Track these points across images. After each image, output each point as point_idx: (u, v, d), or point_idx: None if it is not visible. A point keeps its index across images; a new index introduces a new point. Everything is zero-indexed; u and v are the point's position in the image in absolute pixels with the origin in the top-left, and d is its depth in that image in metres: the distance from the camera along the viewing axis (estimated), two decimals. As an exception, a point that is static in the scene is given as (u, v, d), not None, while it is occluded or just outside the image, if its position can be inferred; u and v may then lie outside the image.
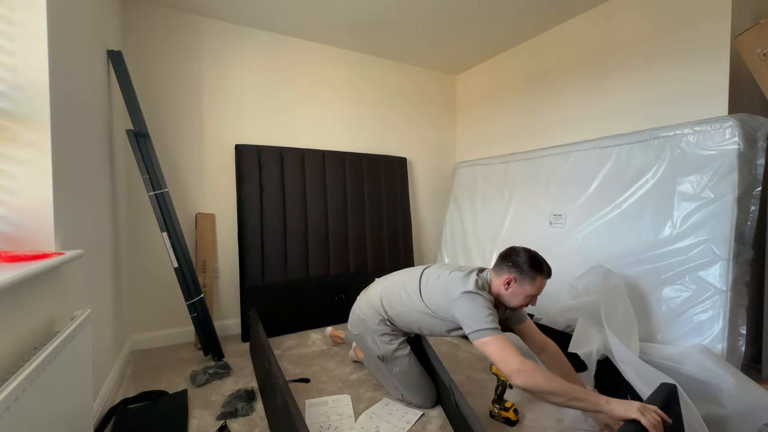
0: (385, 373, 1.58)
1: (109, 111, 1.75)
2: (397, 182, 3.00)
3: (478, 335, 1.24)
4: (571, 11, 2.27)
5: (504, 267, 1.39)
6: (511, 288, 1.36)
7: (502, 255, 1.43)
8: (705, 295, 1.50)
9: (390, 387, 1.60)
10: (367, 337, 1.60)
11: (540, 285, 1.36)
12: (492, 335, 1.22)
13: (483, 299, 1.31)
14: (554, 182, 2.19)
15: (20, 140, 0.99)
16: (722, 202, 1.50)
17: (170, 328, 2.26)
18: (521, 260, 1.36)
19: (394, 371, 1.55)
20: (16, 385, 0.65)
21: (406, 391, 1.54)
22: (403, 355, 1.56)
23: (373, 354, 1.58)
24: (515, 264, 1.36)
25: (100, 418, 1.39)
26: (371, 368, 1.73)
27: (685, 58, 1.82)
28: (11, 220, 0.99)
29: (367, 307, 1.63)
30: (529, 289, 1.35)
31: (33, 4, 1.00)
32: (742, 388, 1.26)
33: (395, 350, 1.55)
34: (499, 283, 1.38)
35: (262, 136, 2.52)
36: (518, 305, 1.38)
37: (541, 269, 1.35)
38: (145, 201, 2.09)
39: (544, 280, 1.36)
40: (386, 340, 1.56)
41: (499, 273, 1.40)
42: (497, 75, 2.95)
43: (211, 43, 2.35)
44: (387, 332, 1.57)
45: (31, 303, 0.91)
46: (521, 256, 1.37)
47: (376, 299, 1.62)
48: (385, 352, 1.55)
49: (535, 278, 1.34)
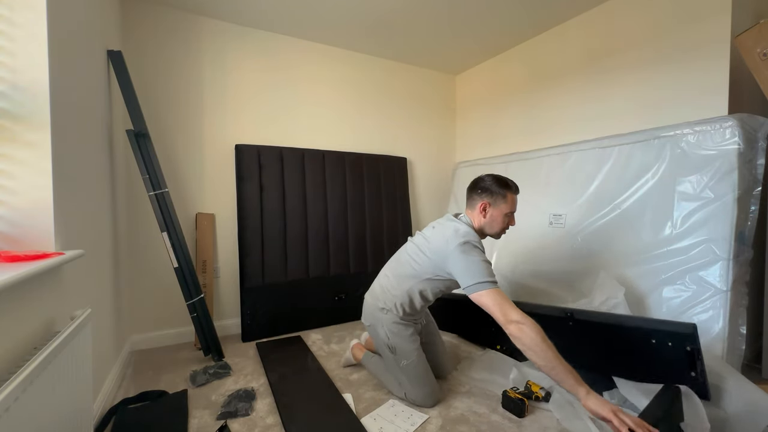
0: (393, 366, 1.56)
1: (109, 111, 1.75)
2: (397, 182, 3.00)
3: (475, 288, 1.27)
4: (571, 11, 2.27)
5: (475, 196, 1.50)
6: (488, 213, 1.47)
7: (470, 187, 1.54)
8: (705, 295, 1.50)
9: (393, 385, 1.59)
10: (379, 327, 1.58)
11: (512, 201, 1.48)
12: (491, 288, 1.26)
13: (477, 250, 1.36)
14: (554, 182, 2.19)
15: (20, 140, 0.99)
16: (722, 202, 1.50)
17: (170, 328, 2.26)
18: (488, 184, 1.48)
19: (402, 364, 1.53)
20: (16, 386, 0.65)
21: (411, 386, 1.52)
22: (413, 349, 1.55)
23: (384, 344, 1.57)
24: (484, 189, 1.48)
25: (100, 418, 1.39)
26: (372, 368, 1.73)
27: (686, 57, 1.82)
28: (11, 220, 0.99)
29: (373, 298, 1.64)
30: (504, 208, 1.46)
31: (33, 4, 1.00)
32: (741, 390, 1.26)
33: (405, 340, 1.54)
34: (477, 214, 1.48)
35: (262, 136, 2.52)
36: (500, 229, 1.49)
37: (508, 186, 1.47)
38: (145, 201, 2.09)
39: (514, 196, 1.49)
40: (396, 330, 1.55)
41: (473, 205, 1.50)
42: (497, 75, 2.95)
43: (212, 43, 2.35)
44: (396, 320, 1.55)
45: (31, 303, 0.91)
46: (486, 180, 1.49)
47: (378, 288, 1.64)
48: (395, 342, 1.54)
49: (506, 195, 1.46)
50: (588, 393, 1.10)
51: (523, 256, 2.25)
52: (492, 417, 1.47)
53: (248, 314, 2.29)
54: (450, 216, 1.55)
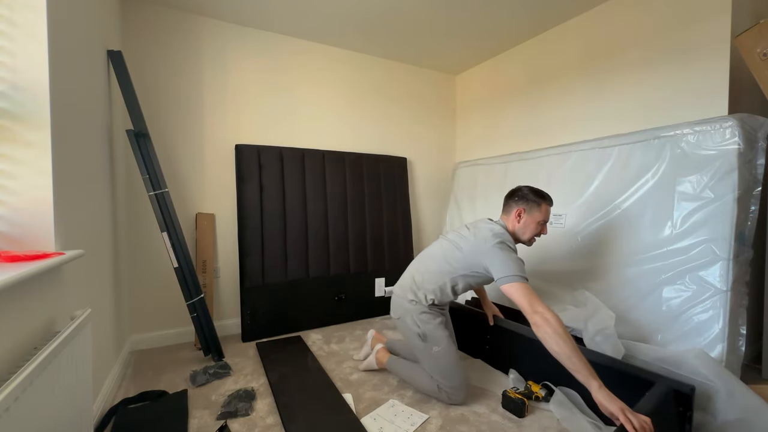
0: (425, 355, 1.57)
1: (109, 111, 1.75)
2: (397, 182, 3.00)
3: (508, 279, 1.36)
4: (571, 11, 2.27)
5: (511, 203, 1.62)
6: (522, 219, 1.57)
7: (507, 195, 1.65)
8: (705, 295, 1.50)
9: (424, 380, 1.58)
10: (407, 318, 1.62)
11: (546, 211, 1.58)
12: (522, 281, 1.35)
13: (511, 249, 1.48)
14: (554, 182, 2.18)
15: (20, 140, 0.99)
16: (722, 202, 1.49)
17: (170, 328, 2.26)
18: (525, 192, 1.59)
19: (434, 351, 1.55)
20: (16, 386, 0.65)
21: (444, 376, 1.53)
22: (443, 335, 1.58)
23: (414, 333, 1.59)
24: (521, 197, 1.59)
25: (100, 418, 1.39)
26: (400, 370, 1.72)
27: (685, 57, 1.82)
28: (11, 220, 0.99)
29: (402, 291, 1.67)
30: (537, 216, 1.56)
31: (33, 4, 1.00)
32: (736, 397, 1.25)
33: (435, 327, 1.58)
34: (512, 219, 1.59)
35: (262, 136, 2.52)
36: (532, 235, 1.59)
37: (543, 197, 1.58)
38: (145, 201, 2.09)
39: (549, 207, 1.60)
40: (425, 318, 1.59)
41: (509, 210, 1.62)
42: (497, 75, 2.95)
43: (212, 43, 2.35)
44: (425, 310, 1.60)
45: (31, 303, 0.91)
46: (523, 189, 1.61)
47: (409, 283, 1.67)
48: (425, 330, 1.57)
49: (541, 204, 1.57)
50: (600, 387, 1.14)
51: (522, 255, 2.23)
52: (492, 417, 1.47)
53: (248, 314, 2.29)
54: (486, 219, 1.67)
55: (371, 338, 2.02)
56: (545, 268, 2.12)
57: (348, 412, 1.47)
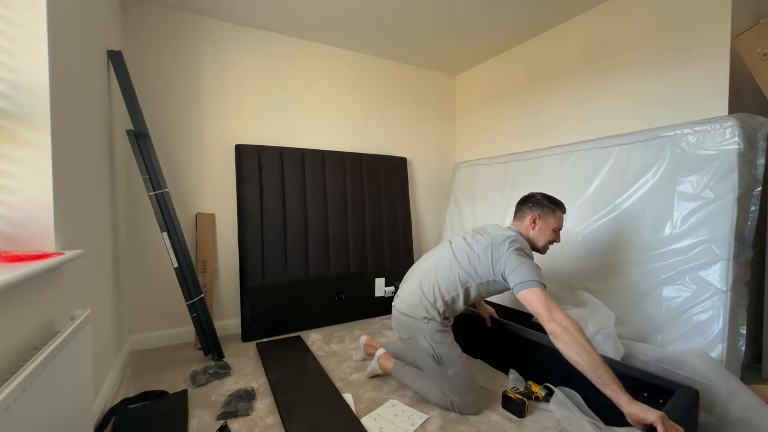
0: (438, 377, 1.49)
1: (109, 111, 1.75)
2: (397, 182, 3.00)
3: (525, 285, 1.31)
4: (571, 11, 2.27)
5: (525, 209, 1.59)
6: (537, 225, 1.55)
7: (521, 201, 1.63)
8: (705, 295, 1.50)
9: (435, 394, 1.52)
10: (420, 339, 1.50)
11: (560, 218, 1.56)
12: (539, 287, 1.30)
13: (529, 257, 1.44)
14: (554, 182, 2.18)
15: (20, 140, 0.99)
16: (722, 202, 1.49)
17: (170, 328, 2.26)
18: (539, 199, 1.57)
19: (449, 373, 1.47)
20: (16, 385, 0.65)
21: (459, 395, 1.47)
22: (457, 356, 1.50)
23: (428, 356, 1.49)
24: (535, 203, 1.57)
25: (100, 418, 1.39)
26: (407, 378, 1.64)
27: (686, 58, 1.82)
28: (11, 220, 0.99)
29: (412, 309, 1.54)
30: (552, 223, 1.54)
31: (33, 4, 1.00)
32: (736, 397, 1.25)
33: (449, 348, 1.50)
34: (526, 225, 1.57)
35: (262, 136, 2.52)
36: (546, 242, 1.56)
37: (557, 203, 1.57)
38: (145, 201, 2.09)
39: (562, 214, 1.58)
40: (439, 338, 1.49)
41: (522, 217, 1.59)
42: (497, 75, 2.95)
43: (212, 43, 2.35)
44: (439, 328, 1.50)
45: (31, 303, 0.91)
46: (536, 196, 1.59)
47: (416, 299, 1.54)
48: (441, 352, 1.48)
49: (555, 211, 1.55)
50: (631, 401, 1.06)
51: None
52: (492, 417, 1.47)
53: (248, 314, 2.29)
54: (497, 225, 1.63)
55: (363, 345, 1.97)
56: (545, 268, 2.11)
57: (348, 412, 1.47)
